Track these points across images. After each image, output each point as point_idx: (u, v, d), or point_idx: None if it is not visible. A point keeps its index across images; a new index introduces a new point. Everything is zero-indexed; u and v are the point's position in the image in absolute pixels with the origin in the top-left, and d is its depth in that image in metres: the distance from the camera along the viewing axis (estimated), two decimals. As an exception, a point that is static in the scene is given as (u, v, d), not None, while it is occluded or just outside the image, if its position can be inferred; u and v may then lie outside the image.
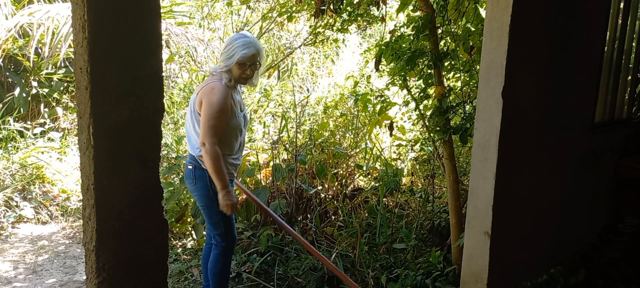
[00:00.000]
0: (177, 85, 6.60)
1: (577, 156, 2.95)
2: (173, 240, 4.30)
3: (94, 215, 1.37)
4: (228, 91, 2.82)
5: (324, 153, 4.98)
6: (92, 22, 1.28)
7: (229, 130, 2.84)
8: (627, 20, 3.10)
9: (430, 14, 3.28)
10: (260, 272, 3.76)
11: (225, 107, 2.77)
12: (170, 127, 5.84)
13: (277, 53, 7.38)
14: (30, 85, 6.37)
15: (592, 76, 2.91)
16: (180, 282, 3.70)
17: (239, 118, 2.90)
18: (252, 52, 2.81)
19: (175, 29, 6.44)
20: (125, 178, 1.41)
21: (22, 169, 5.28)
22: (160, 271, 1.55)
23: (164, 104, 1.47)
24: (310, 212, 4.41)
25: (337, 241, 4.00)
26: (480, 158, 2.45)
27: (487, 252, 2.49)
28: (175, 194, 4.21)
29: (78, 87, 1.37)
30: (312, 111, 6.48)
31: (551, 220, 2.90)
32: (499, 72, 2.31)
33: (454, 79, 4.09)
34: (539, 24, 2.44)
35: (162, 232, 1.52)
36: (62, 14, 5.89)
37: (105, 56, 1.32)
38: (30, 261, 4.10)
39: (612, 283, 2.95)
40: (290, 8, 4.91)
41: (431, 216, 4.15)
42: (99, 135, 1.34)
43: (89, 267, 1.44)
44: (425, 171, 5.11)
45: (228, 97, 2.80)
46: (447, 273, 3.32)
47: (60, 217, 4.94)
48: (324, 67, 8.28)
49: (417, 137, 5.12)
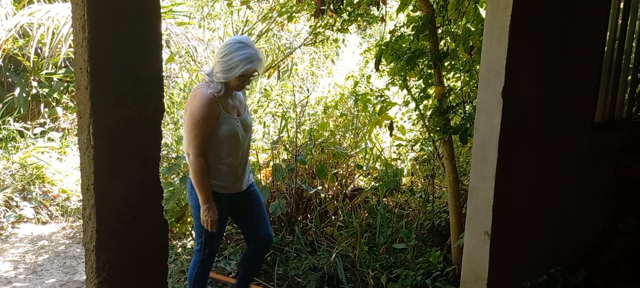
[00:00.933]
0: (177, 85, 6.60)
1: (577, 156, 2.95)
2: (173, 240, 4.30)
3: (94, 215, 1.37)
4: (214, 98, 2.64)
5: (324, 153, 4.98)
6: (92, 22, 1.28)
7: (219, 139, 2.68)
8: (627, 20, 3.10)
9: (430, 14, 3.28)
10: (260, 272, 3.76)
11: (207, 115, 2.61)
12: (170, 127, 5.84)
13: (277, 53, 7.38)
14: (30, 85, 6.37)
15: (592, 76, 2.91)
16: (180, 282, 3.70)
17: (233, 124, 2.72)
18: (255, 66, 2.65)
19: (175, 29, 6.44)
20: (125, 178, 1.41)
21: (22, 169, 5.28)
22: (160, 271, 1.55)
23: (164, 104, 1.47)
24: (310, 212, 4.41)
25: (337, 241, 4.00)
26: (480, 158, 2.45)
27: (487, 252, 2.49)
28: (175, 194, 4.21)
29: (78, 87, 1.37)
30: (312, 111, 6.48)
31: (551, 220, 2.90)
32: (499, 72, 2.31)
33: (454, 79, 4.09)
34: (539, 24, 2.44)
35: (162, 232, 1.52)
36: (62, 14, 5.89)
37: (105, 56, 1.32)
38: (30, 261, 4.10)
39: (612, 283, 2.94)
40: (290, 8, 4.91)
41: (431, 216, 4.15)
42: (99, 135, 1.34)
43: (89, 267, 1.44)
44: (425, 171, 5.11)
45: (212, 104, 2.63)
46: (447, 273, 3.32)
47: (60, 217, 4.94)
48: (324, 67, 8.27)
49: (417, 137, 5.12)
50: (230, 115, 2.72)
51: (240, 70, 2.58)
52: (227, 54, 2.60)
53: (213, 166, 2.73)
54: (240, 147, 2.80)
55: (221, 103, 2.68)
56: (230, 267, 3.82)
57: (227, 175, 2.77)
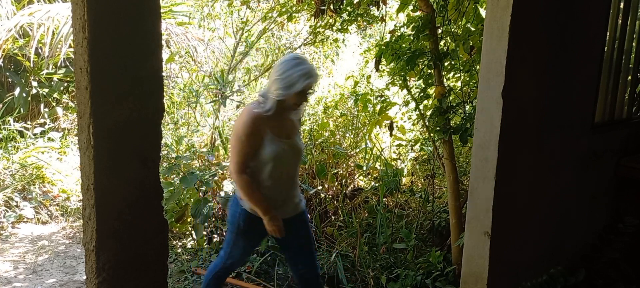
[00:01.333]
0: (177, 85, 6.60)
1: (577, 156, 2.95)
2: (173, 240, 4.31)
3: (94, 215, 1.37)
4: (260, 117, 2.56)
5: (324, 153, 4.99)
6: (92, 22, 1.28)
7: (261, 160, 2.60)
8: (627, 20, 3.10)
9: (430, 14, 3.28)
10: (260, 272, 3.76)
11: (250, 133, 2.55)
12: (170, 127, 5.84)
13: (277, 53, 7.38)
14: (30, 85, 6.37)
15: (592, 76, 2.91)
16: (180, 282, 3.70)
17: (278, 146, 2.60)
18: (314, 80, 2.59)
19: (175, 29, 6.44)
20: (125, 178, 1.41)
21: (22, 169, 5.28)
22: (160, 271, 1.55)
23: (164, 104, 1.47)
24: (310, 212, 4.41)
25: (337, 241, 4.00)
26: (480, 158, 2.45)
27: (487, 252, 2.49)
28: (175, 194, 4.21)
29: (78, 87, 1.37)
30: (312, 111, 6.48)
31: (551, 220, 2.90)
32: (499, 72, 2.31)
33: (454, 79, 4.10)
34: (539, 24, 2.44)
35: (162, 232, 1.53)
36: (62, 14, 5.89)
37: (105, 56, 1.32)
38: (30, 261, 4.10)
39: (612, 283, 2.95)
40: (290, 8, 4.92)
41: (431, 216, 4.16)
42: (99, 135, 1.34)
43: (89, 267, 1.44)
44: (425, 171, 5.11)
45: (257, 122, 2.56)
46: (447, 273, 3.32)
47: (60, 217, 4.94)
48: (324, 67, 8.27)
49: (417, 137, 5.12)
50: (278, 137, 2.62)
51: (300, 85, 2.53)
52: (286, 71, 2.55)
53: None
54: (284, 171, 2.69)
55: (269, 123, 2.60)
56: (230, 267, 3.82)
57: (267, 198, 2.66)
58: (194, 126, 6.20)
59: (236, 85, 6.50)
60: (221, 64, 6.73)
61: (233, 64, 6.26)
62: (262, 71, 7.13)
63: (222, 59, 6.84)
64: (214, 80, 6.01)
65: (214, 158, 5.03)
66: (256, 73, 7.25)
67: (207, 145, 5.89)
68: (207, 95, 6.29)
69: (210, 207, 4.06)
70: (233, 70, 6.35)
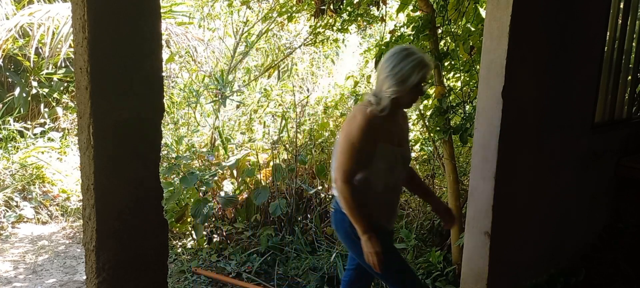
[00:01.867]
0: (177, 85, 6.60)
1: (577, 156, 2.95)
2: (173, 240, 4.30)
3: (94, 215, 1.37)
4: (375, 119, 2.30)
5: (324, 154, 4.98)
6: (92, 22, 1.28)
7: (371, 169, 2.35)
8: (627, 20, 3.10)
9: (430, 14, 3.28)
10: (260, 272, 3.76)
11: (366, 139, 2.29)
12: (170, 127, 5.84)
13: (277, 53, 7.39)
14: (30, 85, 6.37)
15: (592, 76, 2.91)
16: (180, 282, 3.70)
17: (390, 155, 2.37)
18: (429, 69, 2.33)
19: (175, 29, 6.44)
20: (125, 178, 1.41)
21: (22, 169, 5.28)
22: (160, 271, 1.55)
23: (164, 104, 1.47)
24: (310, 212, 4.41)
25: (337, 241, 3.99)
26: (480, 158, 2.45)
27: (487, 252, 2.49)
28: (175, 194, 4.21)
29: (78, 87, 1.37)
30: (312, 111, 6.48)
31: (551, 220, 2.90)
32: (499, 72, 2.31)
33: (454, 79, 4.09)
34: (539, 24, 2.44)
35: (162, 232, 1.53)
36: (62, 14, 5.89)
37: (105, 56, 1.32)
38: (30, 261, 4.10)
39: (612, 283, 2.95)
40: (290, 8, 4.91)
41: (431, 216, 4.15)
42: (99, 135, 1.34)
43: (89, 267, 1.44)
44: (425, 171, 5.10)
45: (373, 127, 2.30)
46: (447, 273, 3.32)
47: (60, 217, 4.94)
48: (324, 67, 8.28)
49: (417, 137, 5.12)
50: (390, 144, 2.38)
51: (416, 77, 2.27)
52: (397, 65, 2.29)
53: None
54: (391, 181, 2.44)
55: (383, 127, 2.34)
56: (231, 267, 3.82)
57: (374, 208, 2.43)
58: (194, 126, 6.20)
59: (236, 85, 6.50)
60: (221, 64, 6.73)
61: (233, 64, 6.26)
62: (262, 71, 7.13)
63: (222, 59, 6.84)
64: (214, 80, 6.01)
65: (214, 158, 5.03)
66: (256, 73, 7.25)
67: (207, 145, 5.88)
68: (207, 95, 6.29)
69: (210, 207, 4.06)
70: (233, 70, 6.35)
